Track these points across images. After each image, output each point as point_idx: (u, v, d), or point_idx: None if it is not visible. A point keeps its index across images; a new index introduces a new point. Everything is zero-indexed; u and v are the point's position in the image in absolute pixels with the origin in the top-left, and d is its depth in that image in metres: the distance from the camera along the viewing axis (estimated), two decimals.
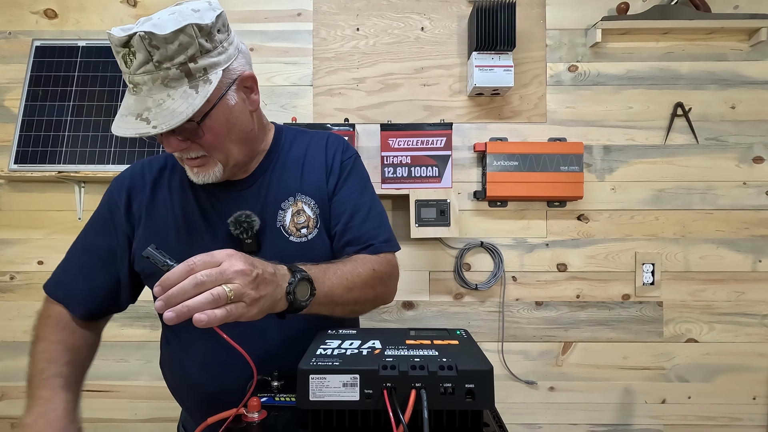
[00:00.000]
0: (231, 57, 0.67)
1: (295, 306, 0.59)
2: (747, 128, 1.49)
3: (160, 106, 0.61)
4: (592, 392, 1.49)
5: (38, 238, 1.50)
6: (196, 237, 0.75)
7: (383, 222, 0.82)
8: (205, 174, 0.71)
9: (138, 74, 0.61)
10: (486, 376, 0.52)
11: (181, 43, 0.60)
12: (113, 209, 0.78)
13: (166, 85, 0.61)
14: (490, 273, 1.50)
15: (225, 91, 0.67)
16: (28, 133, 1.42)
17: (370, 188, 0.85)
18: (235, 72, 0.68)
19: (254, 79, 0.72)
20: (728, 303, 1.49)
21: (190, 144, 0.67)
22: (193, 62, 0.62)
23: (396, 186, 1.43)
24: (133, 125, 0.62)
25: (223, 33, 0.66)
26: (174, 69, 0.61)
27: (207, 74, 0.64)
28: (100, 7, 1.52)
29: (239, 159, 0.73)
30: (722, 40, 1.49)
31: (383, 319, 1.51)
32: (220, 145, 0.69)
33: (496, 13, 1.37)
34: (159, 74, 0.61)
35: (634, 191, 1.50)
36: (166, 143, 0.66)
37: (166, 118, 0.61)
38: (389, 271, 0.79)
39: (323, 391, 0.52)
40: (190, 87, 0.63)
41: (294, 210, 0.76)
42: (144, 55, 0.59)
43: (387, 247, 0.80)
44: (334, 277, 0.67)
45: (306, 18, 1.52)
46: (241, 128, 0.71)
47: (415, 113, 1.51)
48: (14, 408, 1.50)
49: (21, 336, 1.50)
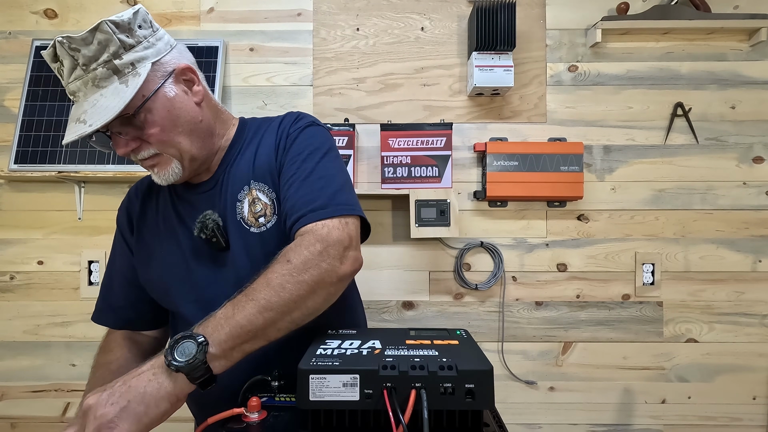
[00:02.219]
0: (161, 51, 0.68)
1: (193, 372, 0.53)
2: (747, 128, 1.49)
3: (95, 106, 0.63)
4: (592, 392, 1.49)
5: (38, 238, 1.50)
6: (174, 243, 0.77)
7: (326, 185, 0.69)
8: (164, 172, 0.71)
9: (71, 82, 0.64)
10: (486, 376, 0.52)
11: (100, 41, 0.62)
12: (122, 229, 0.84)
13: (97, 86, 0.63)
14: (490, 273, 1.50)
15: (161, 83, 0.67)
16: (28, 133, 1.42)
17: (318, 153, 0.72)
18: (168, 65, 0.69)
19: (192, 70, 0.72)
20: (728, 303, 1.49)
21: (139, 143, 0.68)
22: (118, 59, 0.63)
23: (396, 186, 1.43)
24: (72, 129, 0.63)
25: (146, 29, 0.67)
26: (101, 68, 0.63)
27: (135, 68, 0.65)
28: (100, 7, 1.52)
29: (194, 152, 0.72)
30: (722, 40, 1.49)
31: (383, 319, 1.51)
32: (167, 138, 0.68)
33: (496, 13, 1.37)
34: (88, 77, 0.63)
35: (634, 191, 1.50)
36: (115, 144, 0.67)
37: (100, 114, 0.62)
38: (313, 249, 0.62)
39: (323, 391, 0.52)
40: (120, 83, 0.64)
41: (249, 199, 0.73)
42: (69, 60, 0.62)
43: (318, 216, 0.65)
44: (237, 308, 0.58)
45: (306, 18, 1.52)
46: (186, 120, 0.70)
47: (415, 113, 1.51)
48: (14, 408, 1.49)
49: (21, 336, 1.50)
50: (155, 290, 0.80)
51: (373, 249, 1.50)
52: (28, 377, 1.50)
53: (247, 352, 0.58)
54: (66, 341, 1.50)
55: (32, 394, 1.50)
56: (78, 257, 1.50)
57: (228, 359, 0.56)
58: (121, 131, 0.65)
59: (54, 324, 1.50)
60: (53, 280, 1.50)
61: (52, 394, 1.50)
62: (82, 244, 1.50)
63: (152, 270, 0.79)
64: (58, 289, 1.50)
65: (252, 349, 0.59)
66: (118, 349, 0.81)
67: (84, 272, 1.49)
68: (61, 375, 1.50)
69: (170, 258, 0.77)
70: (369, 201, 1.50)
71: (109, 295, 0.85)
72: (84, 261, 1.49)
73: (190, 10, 1.52)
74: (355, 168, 1.46)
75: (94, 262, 1.49)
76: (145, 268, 0.80)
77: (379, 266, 1.50)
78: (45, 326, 1.50)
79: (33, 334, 1.50)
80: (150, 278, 0.79)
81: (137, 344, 0.84)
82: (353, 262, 0.66)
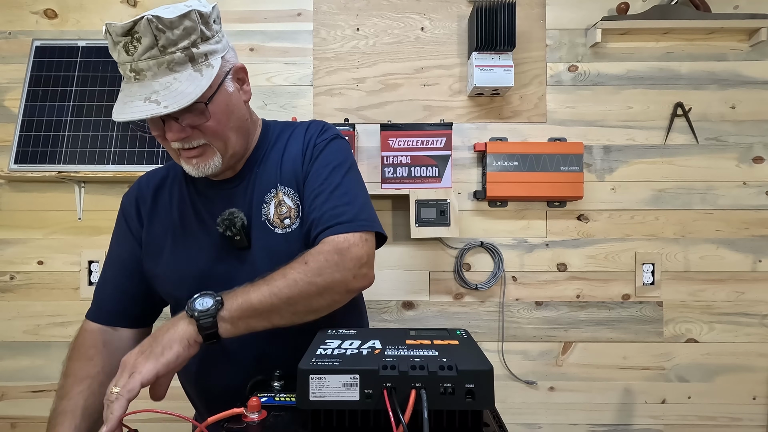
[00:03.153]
0: (226, 48, 0.71)
1: (202, 320, 0.60)
2: (747, 128, 1.49)
3: (168, 89, 0.63)
4: (592, 392, 1.49)
5: (38, 238, 1.50)
6: (192, 238, 0.77)
7: (352, 201, 0.73)
8: (204, 164, 0.71)
9: (143, 60, 0.63)
10: (486, 376, 0.52)
11: (185, 27, 0.63)
12: (127, 218, 0.82)
13: (171, 69, 0.64)
14: (490, 273, 1.50)
15: (224, 78, 0.70)
16: (28, 133, 1.42)
17: (343, 168, 0.77)
18: (229, 62, 0.72)
19: (245, 70, 0.75)
20: (728, 303, 1.49)
21: (192, 131, 0.68)
22: (196, 48, 0.65)
23: (396, 186, 1.43)
24: (141, 108, 0.62)
25: (217, 24, 0.70)
26: (179, 53, 0.63)
27: (208, 59, 0.67)
28: (100, 7, 1.52)
29: (237, 149, 0.74)
30: (722, 40, 1.49)
31: (383, 319, 1.51)
32: (221, 131, 0.70)
33: (496, 13, 1.37)
34: (164, 59, 0.63)
35: (634, 191, 1.50)
36: (168, 130, 0.67)
37: (177, 98, 0.62)
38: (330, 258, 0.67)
39: (323, 391, 0.52)
40: (195, 71, 0.65)
41: (276, 201, 0.76)
42: (150, 39, 0.62)
43: (343, 228, 0.70)
44: (253, 288, 0.64)
45: (306, 18, 1.52)
46: (238, 116, 0.73)
47: (415, 113, 1.51)
48: (14, 408, 1.49)
49: (21, 336, 1.50)
50: (163, 284, 0.78)
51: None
52: (28, 377, 1.50)
53: (251, 328, 0.64)
54: (66, 341, 1.49)
55: (32, 394, 1.50)
56: (78, 257, 1.50)
57: (234, 327, 0.62)
58: (180, 117, 0.66)
59: (54, 324, 1.50)
60: (53, 280, 1.50)
61: (52, 394, 1.48)
62: (82, 244, 1.50)
63: (163, 263, 0.77)
64: (58, 289, 1.50)
65: (256, 327, 0.64)
66: (98, 357, 0.77)
67: (84, 272, 1.49)
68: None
69: (185, 253, 0.76)
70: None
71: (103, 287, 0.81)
72: (84, 261, 1.49)
73: None
74: None
75: (94, 262, 1.49)
76: (154, 261, 0.78)
77: (379, 266, 1.50)
78: (45, 326, 1.50)
79: (33, 334, 1.50)
80: (159, 272, 0.78)
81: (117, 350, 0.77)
82: (364, 279, 0.71)
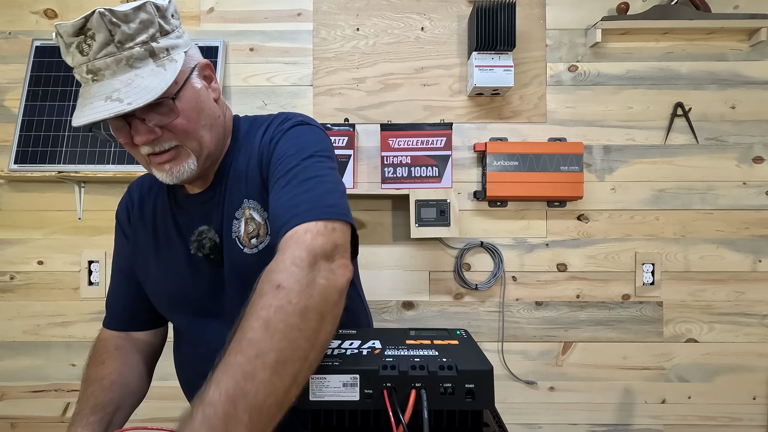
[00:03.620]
0: (188, 44, 0.68)
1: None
2: (747, 128, 1.49)
3: (130, 85, 0.58)
4: (592, 392, 1.49)
5: (38, 238, 1.50)
6: (171, 253, 0.75)
7: (314, 187, 0.60)
8: (178, 168, 0.66)
9: (99, 58, 0.58)
10: (486, 376, 0.52)
11: (142, 20, 0.60)
12: (122, 225, 0.82)
13: (131, 66, 0.59)
14: (490, 273, 1.50)
15: (189, 74, 0.66)
16: (28, 133, 1.42)
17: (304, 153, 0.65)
18: (193, 58, 0.68)
19: (211, 67, 0.71)
20: (728, 303, 1.49)
21: (161, 132, 0.63)
22: (155, 42, 0.61)
23: (396, 186, 1.43)
24: (103, 107, 0.57)
25: (176, 19, 0.66)
26: (138, 48, 0.59)
27: (170, 54, 0.63)
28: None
29: (212, 148, 0.69)
30: (722, 40, 1.49)
31: (383, 319, 1.51)
32: (193, 129, 0.65)
33: (496, 13, 1.37)
34: (123, 54, 0.59)
35: (634, 191, 1.50)
36: (136, 133, 0.62)
37: (141, 94, 0.58)
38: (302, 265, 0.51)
39: (323, 391, 0.52)
40: (157, 66, 0.61)
41: (245, 218, 0.70)
42: (104, 35, 0.57)
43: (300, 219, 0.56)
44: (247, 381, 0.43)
45: (306, 18, 1.52)
46: (209, 113, 0.69)
47: (415, 113, 1.51)
48: (14, 408, 1.49)
49: (21, 336, 1.50)
50: (154, 298, 0.79)
51: (373, 249, 1.50)
52: (28, 377, 1.50)
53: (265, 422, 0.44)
54: (66, 341, 1.50)
55: (32, 394, 1.50)
56: (78, 257, 1.50)
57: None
58: (146, 117, 0.62)
59: (54, 324, 1.50)
60: (53, 280, 1.50)
61: (52, 394, 1.50)
62: (82, 244, 1.50)
63: (150, 277, 0.77)
64: (58, 289, 1.50)
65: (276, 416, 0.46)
66: (110, 361, 0.76)
67: (84, 272, 1.49)
68: (61, 375, 1.50)
69: (167, 268, 0.75)
70: (369, 201, 1.50)
71: (111, 296, 0.84)
72: (84, 261, 1.49)
73: (190, 10, 1.52)
74: (355, 168, 1.46)
75: (94, 262, 1.49)
76: (144, 274, 0.78)
77: (379, 266, 1.50)
78: (45, 326, 1.50)
79: (33, 334, 1.50)
80: (149, 287, 0.79)
81: (129, 353, 0.79)
82: (345, 270, 0.55)
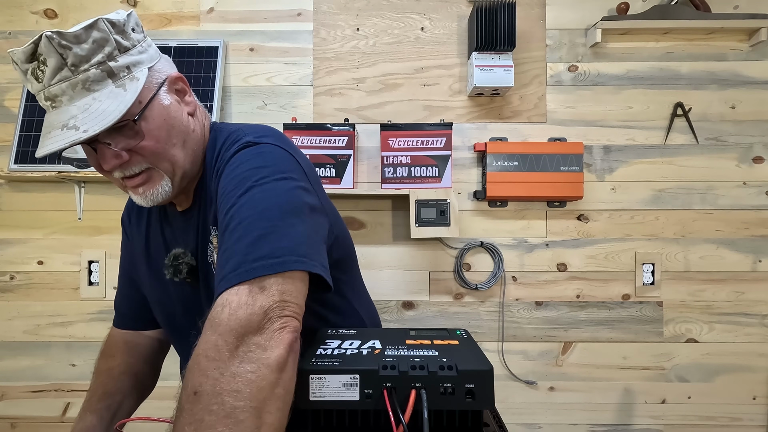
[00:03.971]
0: (153, 58, 0.63)
1: None
2: (747, 128, 1.49)
3: (87, 111, 0.55)
4: (592, 392, 1.49)
5: (38, 238, 1.50)
6: (158, 266, 0.74)
7: (246, 232, 0.51)
8: (152, 191, 0.63)
9: (54, 84, 0.55)
10: (486, 376, 0.52)
11: (95, 39, 0.56)
12: (125, 226, 0.85)
13: (88, 89, 0.56)
14: (490, 273, 1.50)
15: (156, 91, 0.62)
16: (28, 133, 1.42)
17: (242, 188, 0.56)
18: (161, 73, 0.64)
19: (184, 80, 0.67)
20: (728, 303, 1.49)
21: (129, 156, 0.60)
22: (113, 61, 0.57)
23: (396, 186, 1.43)
24: (60, 137, 0.54)
25: (138, 33, 0.62)
26: (93, 69, 0.56)
27: (131, 72, 0.59)
28: (100, 7, 1.52)
29: (186, 167, 0.65)
30: (722, 40, 1.49)
31: (383, 319, 1.51)
32: (162, 149, 0.61)
33: (496, 13, 1.37)
34: (78, 78, 0.55)
35: (634, 191, 1.50)
36: (102, 158, 0.58)
37: (97, 119, 0.55)
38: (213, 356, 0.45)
39: (323, 391, 0.52)
40: (116, 86, 0.57)
41: (216, 243, 0.65)
42: (56, 59, 0.54)
43: (224, 284, 0.49)
44: None
45: (306, 18, 1.52)
46: (180, 130, 0.64)
47: (415, 113, 1.51)
48: (14, 408, 1.49)
49: (21, 336, 1.50)
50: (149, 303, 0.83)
51: (373, 249, 1.50)
52: (28, 377, 1.50)
53: None
54: (66, 341, 1.50)
55: (32, 394, 1.50)
56: (78, 257, 1.50)
57: None
58: (111, 142, 0.58)
59: (54, 324, 1.50)
60: (53, 280, 1.50)
61: (52, 394, 1.50)
62: (82, 244, 1.50)
63: (143, 284, 0.81)
64: (58, 289, 1.50)
65: None
66: (119, 354, 0.82)
67: (84, 272, 1.49)
68: (61, 375, 1.50)
69: (154, 280, 0.77)
70: (369, 201, 1.50)
71: (118, 296, 0.88)
72: (84, 261, 1.49)
73: (190, 10, 1.52)
74: (355, 168, 1.46)
75: (94, 262, 1.49)
76: (139, 279, 0.82)
77: (379, 266, 1.50)
78: (45, 326, 1.50)
79: (33, 334, 1.50)
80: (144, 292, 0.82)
81: (137, 347, 0.85)
82: (283, 333, 0.47)
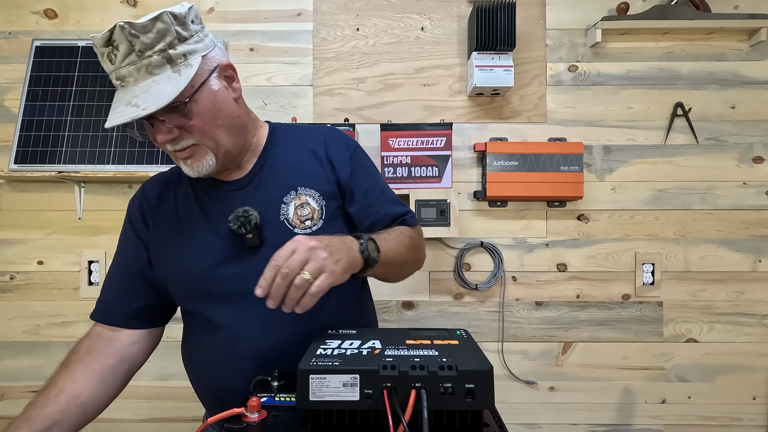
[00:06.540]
0: (208, 47, 0.71)
1: (369, 262, 0.68)
2: (747, 128, 1.49)
3: (147, 91, 0.65)
4: (592, 392, 1.49)
5: (38, 238, 1.50)
6: (199, 237, 0.77)
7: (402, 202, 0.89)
8: (198, 164, 0.73)
9: (123, 66, 0.65)
10: (486, 376, 0.52)
11: (159, 30, 0.65)
12: (133, 221, 0.83)
13: (150, 73, 0.65)
14: (490, 273, 1.50)
15: (207, 77, 0.70)
16: (28, 133, 1.42)
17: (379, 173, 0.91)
18: (213, 60, 0.72)
19: (233, 68, 0.76)
20: (728, 303, 1.49)
21: (180, 132, 0.69)
22: (173, 49, 0.66)
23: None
24: (123, 112, 0.64)
25: (197, 24, 0.70)
26: (155, 56, 0.65)
27: (187, 59, 0.68)
28: (100, 7, 1.52)
29: (229, 147, 0.75)
30: (722, 40, 1.49)
31: (383, 319, 1.51)
32: (208, 129, 0.71)
33: (496, 13, 1.37)
34: (143, 63, 0.65)
35: (634, 191, 1.50)
36: (157, 132, 0.69)
37: (154, 99, 0.64)
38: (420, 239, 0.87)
39: (323, 391, 0.52)
40: (173, 71, 0.66)
41: (297, 203, 0.78)
42: (126, 46, 0.64)
43: (414, 221, 0.88)
44: (387, 241, 0.74)
45: (306, 18, 1.52)
46: (227, 113, 0.73)
47: (415, 113, 1.51)
48: (14, 408, 1.50)
49: (21, 336, 1.50)
50: (175, 286, 0.79)
51: None
52: (28, 377, 1.50)
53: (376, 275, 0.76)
54: (66, 341, 1.50)
55: (32, 394, 1.49)
56: (78, 257, 1.50)
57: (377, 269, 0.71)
58: (165, 119, 0.68)
59: (54, 324, 1.50)
60: (53, 280, 1.50)
61: None
62: (82, 244, 1.50)
63: (173, 266, 0.78)
64: (58, 289, 1.50)
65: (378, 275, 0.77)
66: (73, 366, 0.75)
67: (84, 272, 1.49)
68: None
69: (193, 253, 0.76)
70: None
71: (107, 289, 0.83)
72: (84, 261, 1.49)
73: None
74: None
75: (94, 262, 1.49)
76: (164, 264, 0.79)
77: None
78: (45, 326, 1.50)
79: (33, 334, 1.50)
80: (170, 275, 0.79)
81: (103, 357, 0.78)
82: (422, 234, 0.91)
